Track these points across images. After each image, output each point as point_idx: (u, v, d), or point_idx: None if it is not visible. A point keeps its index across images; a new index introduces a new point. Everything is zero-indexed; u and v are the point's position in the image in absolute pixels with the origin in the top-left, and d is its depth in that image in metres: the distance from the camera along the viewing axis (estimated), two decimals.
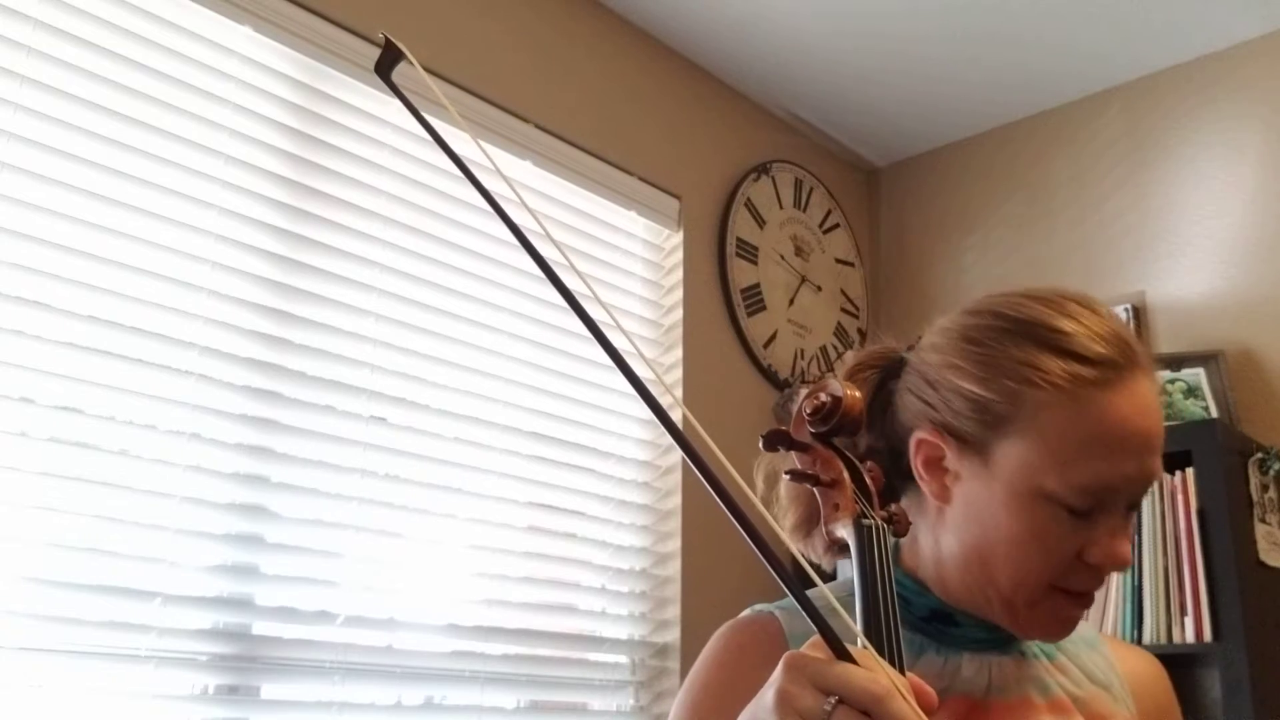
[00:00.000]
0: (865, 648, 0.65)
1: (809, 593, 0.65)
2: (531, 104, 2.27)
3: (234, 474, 1.70)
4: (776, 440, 0.90)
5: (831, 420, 0.87)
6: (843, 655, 0.63)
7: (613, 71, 2.50)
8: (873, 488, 0.86)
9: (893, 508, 0.85)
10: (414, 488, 1.92)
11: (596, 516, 2.23)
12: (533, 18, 2.34)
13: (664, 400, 0.69)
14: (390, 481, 1.89)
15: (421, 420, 1.96)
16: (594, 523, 2.22)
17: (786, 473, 0.89)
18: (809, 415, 0.88)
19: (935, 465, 0.91)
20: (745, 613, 0.96)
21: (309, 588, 1.76)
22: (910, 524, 0.87)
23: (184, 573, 1.61)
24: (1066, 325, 0.87)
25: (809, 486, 0.87)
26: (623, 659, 2.22)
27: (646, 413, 2.40)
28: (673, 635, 2.27)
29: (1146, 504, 2.05)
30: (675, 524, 2.34)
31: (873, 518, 0.82)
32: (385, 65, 0.87)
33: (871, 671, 0.62)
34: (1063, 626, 0.89)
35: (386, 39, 0.86)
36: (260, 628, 1.71)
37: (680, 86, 2.66)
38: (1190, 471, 2.03)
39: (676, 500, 2.34)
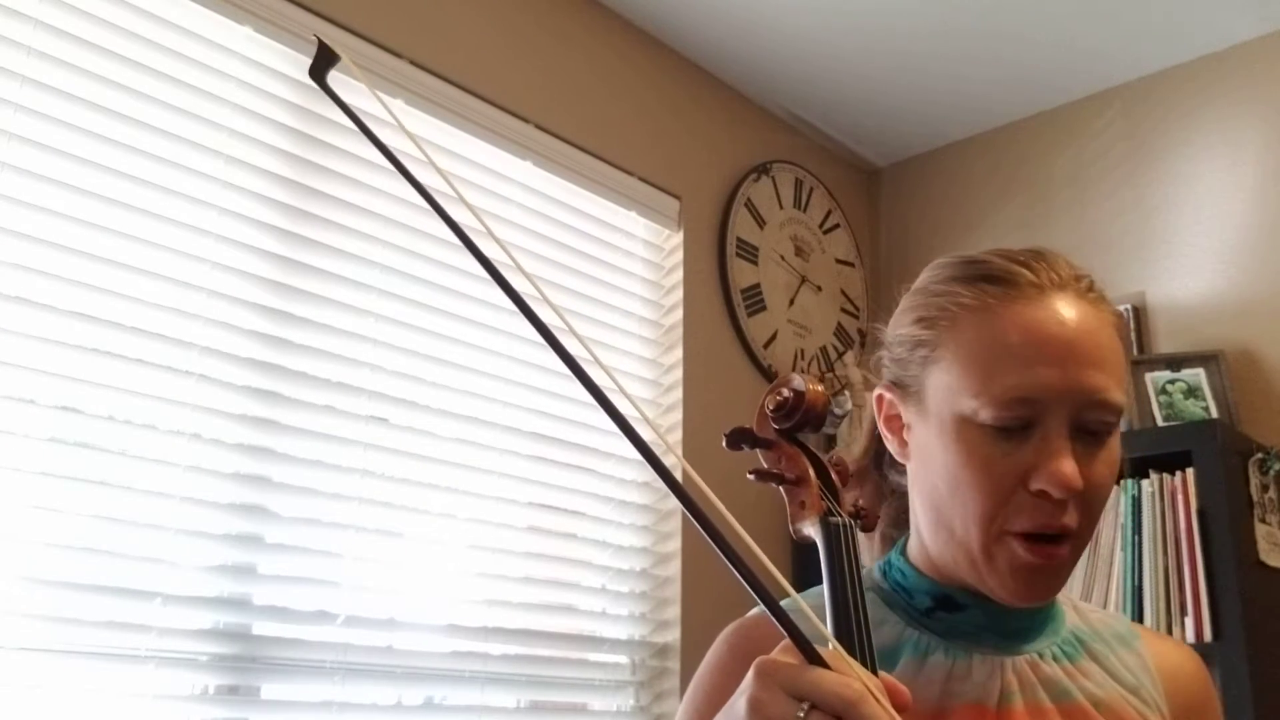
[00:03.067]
0: (836, 649, 0.63)
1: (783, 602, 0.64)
2: (531, 104, 2.27)
3: (234, 474, 1.70)
4: (740, 439, 0.87)
5: (795, 416, 0.85)
6: (814, 659, 0.61)
7: (613, 71, 2.50)
8: (838, 483, 0.84)
9: (860, 502, 0.84)
10: (414, 488, 1.92)
11: (596, 516, 2.23)
12: (532, 18, 2.34)
13: (660, 449, 0.68)
14: (390, 481, 1.89)
15: (421, 420, 1.95)
16: (594, 523, 2.22)
17: (751, 472, 0.87)
18: (771, 411, 0.87)
19: (895, 422, 0.92)
20: (750, 613, 0.93)
21: (309, 588, 1.76)
22: (879, 517, 0.87)
23: (184, 573, 1.61)
24: (987, 255, 0.89)
25: (775, 485, 0.85)
26: (623, 659, 2.22)
27: (646, 414, 2.39)
28: (673, 635, 2.27)
29: (1146, 504, 2.05)
30: (675, 524, 2.34)
31: (839, 514, 0.81)
32: (320, 69, 0.84)
33: (843, 675, 0.61)
34: (1029, 581, 0.82)
35: (319, 42, 0.81)
36: (260, 628, 1.70)
37: (680, 86, 2.66)
38: (1190, 471, 2.03)
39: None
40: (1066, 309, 0.84)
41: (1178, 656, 0.94)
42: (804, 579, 0.85)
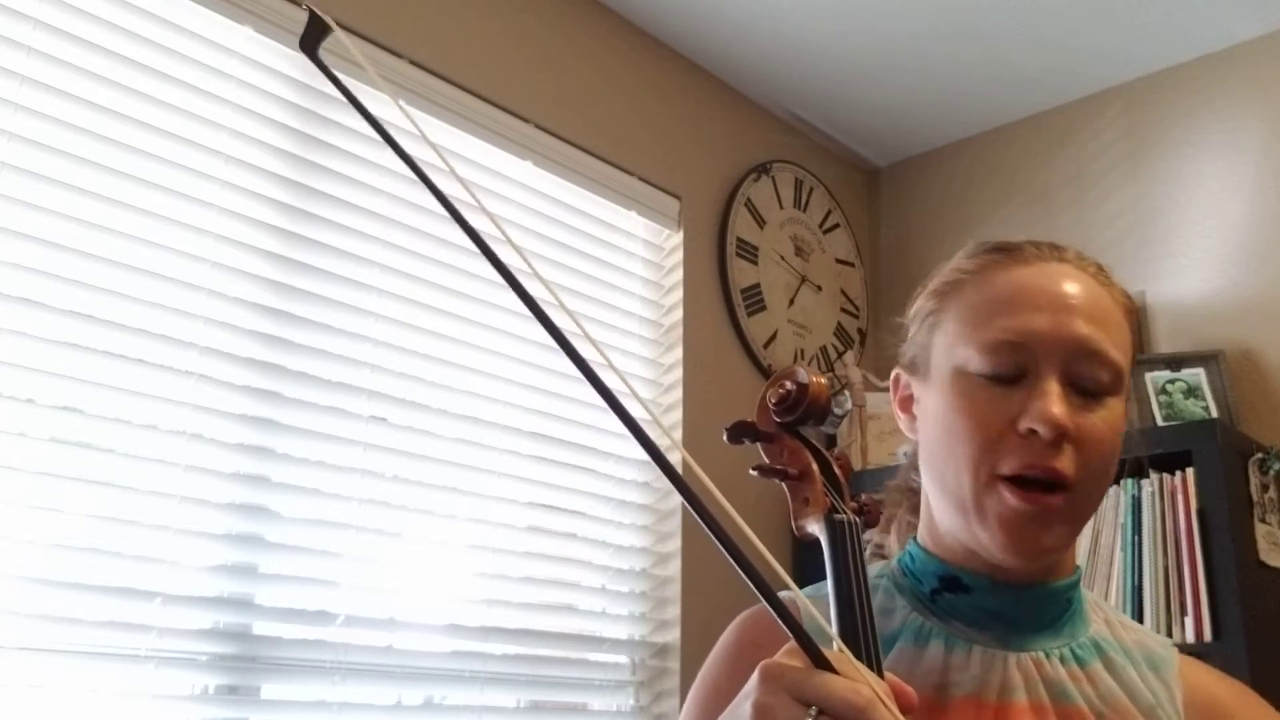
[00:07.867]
0: (842, 651, 0.62)
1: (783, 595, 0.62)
2: (531, 104, 2.27)
3: (234, 474, 1.70)
4: (741, 433, 0.85)
5: (798, 409, 0.83)
6: (820, 662, 0.60)
7: (613, 71, 2.50)
8: (842, 479, 0.82)
9: (863, 498, 0.83)
10: (414, 488, 1.92)
11: (596, 516, 2.23)
12: (533, 18, 2.34)
13: (662, 441, 0.67)
14: (390, 481, 1.89)
15: (422, 420, 1.96)
16: (594, 523, 2.22)
17: (753, 468, 0.85)
18: (774, 405, 0.84)
19: (907, 402, 0.94)
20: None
21: (309, 588, 1.76)
22: (882, 513, 0.86)
23: (184, 573, 1.61)
24: (1000, 238, 0.92)
25: (778, 481, 0.83)
26: (623, 659, 2.22)
27: (647, 414, 2.39)
28: (673, 635, 2.27)
29: (1146, 504, 2.05)
30: (675, 524, 2.34)
31: (844, 511, 0.78)
32: (311, 41, 0.78)
33: (850, 679, 0.59)
34: (1019, 531, 0.80)
35: (311, 12, 0.79)
36: (260, 628, 1.70)
37: (680, 86, 2.66)
38: (1190, 471, 2.03)
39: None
40: (1062, 270, 0.87)
41: (1216, 688, 0.90)
42: (805, 578, 0.84)
